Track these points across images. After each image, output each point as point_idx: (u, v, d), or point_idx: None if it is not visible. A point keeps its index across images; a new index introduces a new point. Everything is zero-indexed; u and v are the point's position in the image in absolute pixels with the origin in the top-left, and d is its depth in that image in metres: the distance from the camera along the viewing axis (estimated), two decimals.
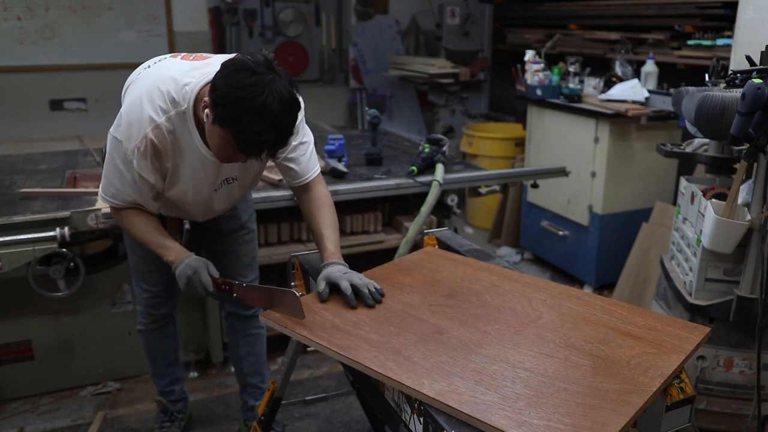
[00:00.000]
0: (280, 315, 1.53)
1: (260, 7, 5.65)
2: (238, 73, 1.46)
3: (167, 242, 1.80)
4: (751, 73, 2.04)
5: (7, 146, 4.33)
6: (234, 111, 1.46)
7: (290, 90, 1.50)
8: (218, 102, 1.48)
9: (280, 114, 1.47)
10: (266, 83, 1.45)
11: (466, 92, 5.77)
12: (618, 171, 3.64)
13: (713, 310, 2.15)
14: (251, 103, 1.44)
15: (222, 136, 1.54)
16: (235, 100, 1.45)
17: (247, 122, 1.46)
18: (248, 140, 1.50)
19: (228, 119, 1.48)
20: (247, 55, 1.51)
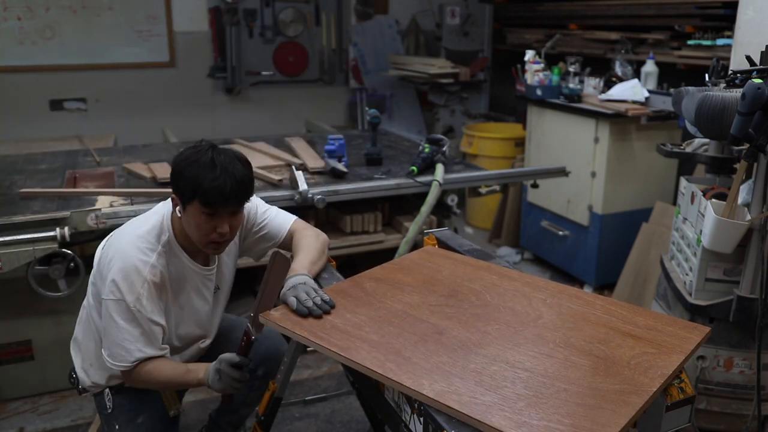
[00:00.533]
0: (281, 315, 1.53)
1: (260, 7, 5.65)
2: (184, 153, 1.65)
3: (190, 366, 1.77)
4: (751, 73, 2.04)
5: (7, 146, 4.33)
6: (191, 177, 1.59)
7: (237, 152, 1.69)
8: (177, 183, 1.63)
9: (230, 163, 1.62)
10: (208, 148, 1.64)
11: (466, 92, 5.77)
12: (618, 171, 3.64)
13: (713, 310, 2.15)
14: (201, 162, 1.60)
15: (194, 213, 1.64)
16: (188, 168, 1.60)
17: (203, 178, 1.58)
18: (210, 190, 1.59)
19: (190, 188, 1.60)
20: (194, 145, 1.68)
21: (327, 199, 2.68)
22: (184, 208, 1.65)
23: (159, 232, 1.73)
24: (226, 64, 5.61)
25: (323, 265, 1.84)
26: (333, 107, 6.14)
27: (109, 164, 3.23)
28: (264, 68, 5.81)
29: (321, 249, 1.86)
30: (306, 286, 1.59)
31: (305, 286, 1.59)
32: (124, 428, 1.85)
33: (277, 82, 5.88)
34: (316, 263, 1.79)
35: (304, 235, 1.90)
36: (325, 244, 1.91)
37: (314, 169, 3.00)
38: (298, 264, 1.74)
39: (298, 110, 5.84)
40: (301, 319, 1.49)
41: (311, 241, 1.87)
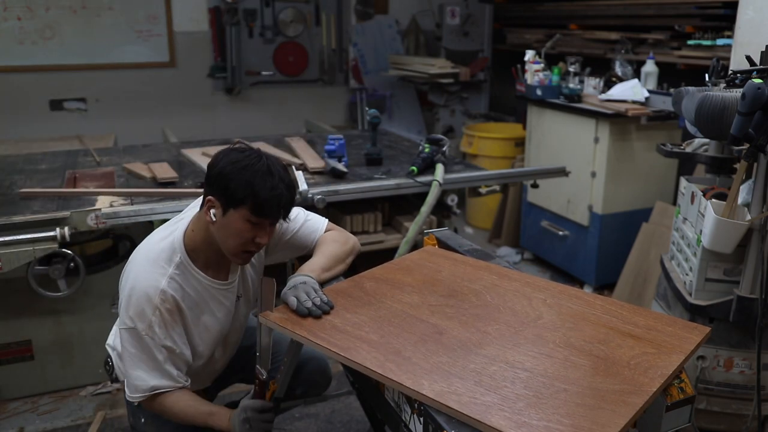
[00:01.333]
0: (280, 315, 1.53)
1: (260, 7, 5.65)
2: (232, 156, 1.57)
3: (213, 408, 1.69)
4: (751, 73, 2.04)
5: (7, 146, 4.33)
6: (245, 182, 1.53)
7: (279, 158, 1.66)
8: (226, 185, 1.54)
9: (283, 172, 1.58)
10: (257, 153, 1.58)
11: (466, 92, 5.77)
12: (618, 171, 3.64)
13: (713, 310, 2.15)
14: (257, 168, 1.54)
15: (237, 219, 1.56)
16: (242, 173, 1.53)
17: (260, 185, 1.53)
18: (267, 200, 1.54)
19: (241, 194, 1.53)
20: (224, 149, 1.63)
21: (327, 199, 2.68)
22: (225, 213, 1.57)
23: (170, 253, 1.65)
24: (226, 64, 5.61)
25: (337, 273, 1.78)
26: (333, 107, 6.14)
27: (109, 164, 3.23)
28: (264, 68, 5.81)
29: (339, 257, 1.80)
30: (306, 286, 1.59)
31: (305, 286, 1.58)
32: (151, 422, 1.80)
33: (277, 82, 5.88)
34: (328, 270, 1.74)
35: (327, 241, 1.85)
36: (350, 252, 1.85)
37: (314, 169, 3.00)
38: (307, 266, 1.72)
39: (298, 110, 5.84)
40: (300, 319, 1.49)
41: (332, 247, 1.82)
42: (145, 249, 1.69)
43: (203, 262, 1.68)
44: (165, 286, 1.61)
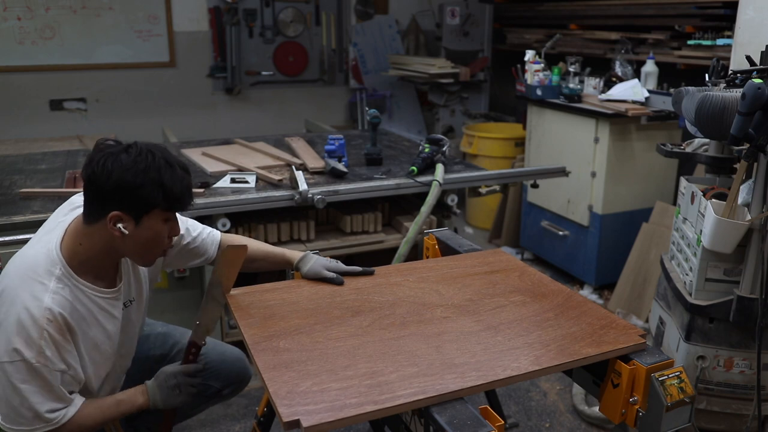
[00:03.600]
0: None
1: (260, 7, 5.65)
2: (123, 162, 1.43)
3: (118, 396, 1.60)
4: (751, 73, 2.04)
5: (7, 146, 4.33)
6: (152, 184, 1.43)
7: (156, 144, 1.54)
8: (135, 194, 1.43)
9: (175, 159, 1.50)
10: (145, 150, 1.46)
11: (466, 92, 5.77)
12: (618, 171, 3.64)
13: (713, 310, 2.15)
14: (158, 166, 1.44)
15: (154, 224, 1.48)
16: (145, 175, 1.43)
17: (169, 181, 1.45)
18: (181, 192, 1.48)
19: (153, 197, 1.44)
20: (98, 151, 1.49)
21: (327, 199, 2.68)
22: (138, 223, 1.47)
23: (47, 266, 1.47)
24: (226, 64, 5.61)
25: None
26: (333, 107, 6.14)
27: None
28: (264, 68, 5.81)
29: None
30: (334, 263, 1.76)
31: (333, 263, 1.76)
32: None
33: (277, 82, 5.88)
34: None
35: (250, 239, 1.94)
36: None
37: (314, 169, 3.00)
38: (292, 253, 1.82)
39: (298, 110, 5.84)
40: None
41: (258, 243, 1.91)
42: (16, 267, 1.50)
43: (93, 274, 1.54)
44: (49, 303, 1.42)
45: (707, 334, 2.19)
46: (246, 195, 2.66)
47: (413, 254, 2.77)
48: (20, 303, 1.41)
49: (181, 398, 1.64)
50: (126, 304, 1.67)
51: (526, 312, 1.57)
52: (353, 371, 1.30)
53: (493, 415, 1.21)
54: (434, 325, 1.50)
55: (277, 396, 1.22)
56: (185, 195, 1.50)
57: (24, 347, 1.38)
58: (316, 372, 1.30)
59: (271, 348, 1.40)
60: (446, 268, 1.83)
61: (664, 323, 2.43)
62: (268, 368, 1.31)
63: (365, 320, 1.53)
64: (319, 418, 1.14)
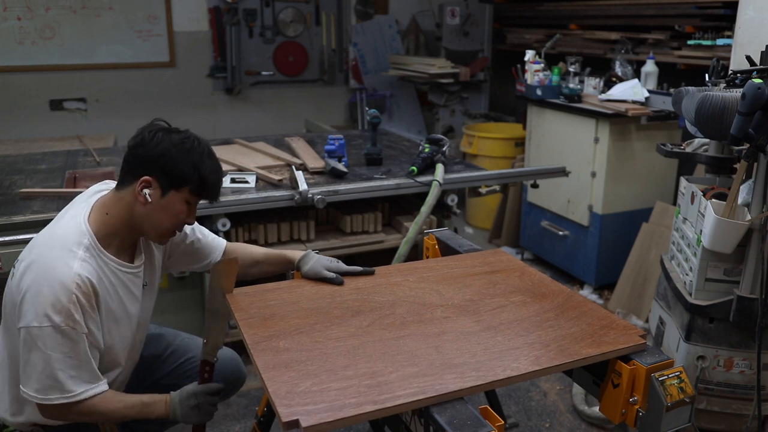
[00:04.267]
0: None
1: (260, 7, 5.66)
2: (173, 137, 1.57)
3: (145, 398, 1.60)
4: (751, 73, 2.04)
5: (7, 146, 4.33)
6: (192, 164, 1.55)
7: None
8: (172, 166, 1.54)
9: (214, 153, 1.64)
10: (195, 136, 1.61)
11: (466, 92, 5.77)
12: (618, 171, 3.64)
13: (713, 310, 2.15)
14: (201, 150, 1.58)
15: (178, 200, 1.57)
16: (187, 155, 1.55)
17: (205, 167, 1.57)
18: (212, 181, 1.59)
19: (187, 175, 1.55)
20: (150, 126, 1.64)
21: (327, 199, 2.68)
22: (164, 194, 1.55)
23: (78, 237, 1.53)
24: (226, 64, 5.62)
25: None
26: (333, 107, 6.14)
27: (109, 164, 3.23)
28: (264, 68, 5.81)
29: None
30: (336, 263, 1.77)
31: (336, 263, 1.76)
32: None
33: (277, 82, 5.88)
34: None
35: (240, 245, 1.96)
36: None
37: (314, 169, 3.00)
38: (293, 253, 1.83)
39: (298, 110, 5.84)
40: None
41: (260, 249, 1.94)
42: (45, 239, 1.55)
43: (116, 247, 1.60)
44: (78, 269, 1.46)
45: (707, 334, 2.18)
46: (246, 195, 2.66)
47: (413, 254, 2.77)
48: (51, 270, 1.46)
49: (200, 417, 1.64)
50: (143, 285, 1.71)
51: (527, 312, 1.57)
52: (353, 371, 1.30)
53: (493, 415, 1.21)
54: (434, 325, 1.50)
55: (276, 396, 1.21)
56: (216, 186, 1.61)
57: (53, 312, 1.43)
58: (316, 372, 1.30)
59: (271, 348, 1.39)
60: (446, 268, 1.83)
61: (664, 323, 2.43)
62: (268, 368, 1.31)
63: (365, 320, 1.53)
64: (319, 418, 1.14)
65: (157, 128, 1.60)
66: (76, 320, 1.45)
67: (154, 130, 1.59)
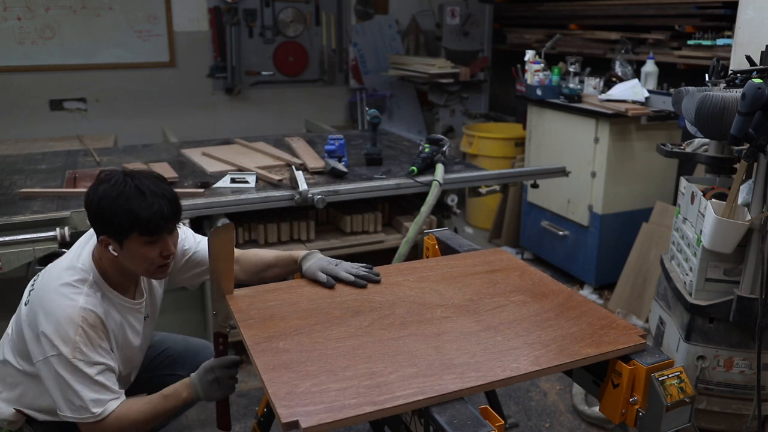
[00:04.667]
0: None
1: (260, 7, 5.66)
2: (100, 190, 1.56)
3: (163, 392, 1.66)
4: (751, 73, 2.04)
5: (7, 146, 4.33)
6: (123, 211, 1.53)
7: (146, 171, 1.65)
8: (109, 222, 1.55)
9: (154, 185, 1.58)
10: (122, 177, 1.57)
11: (466, 92, 5.77)
12: (618, 171, 3.64)
13: (713, 310, 2.15)
14: (128, 194, 1.54)
15: (136, 247, 1.58)
16: (115, 204, 1.53)
17: (137, 209, 1.53)
18: (151, 219, 1.54)
19: (126, 224, 1.54)
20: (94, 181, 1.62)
21: (327, 199, 2.68)
22: (121, 246, 1.58)
23: (82, 275, 1.62)
24: (226, 64, 5.62)
25: None
26: (333, 107, 6.14)
27: (109, 164, 3.23)
28: (264, 68, 5.81)
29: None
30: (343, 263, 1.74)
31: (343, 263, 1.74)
32: None
33: (277, 82, 5.88)
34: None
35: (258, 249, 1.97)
36: None
37: (314, 169, 3.00)
38: (298, 252, 1.81)
39: (298, 110, 5.84)
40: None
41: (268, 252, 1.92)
42: (51, 279, 1.62)
43: (115, 284, 1.68)
44: (83, 303, 1.56)
45: (707, 334, 2.18)
46: (246, 195, 2.66)
47: (413, 254, 2.77)
48: (57, 308, 1.55)
49: (222, 391, 1.65)
50: (144, 318, 1.80)
51: (527, 312, 1.57)
52: (352, 372, 1.30)
53: (493, 415, 1.21)
54: (434, 325, 1.50)
55: (276, 397, 1.21)
56: (155, 221, 1.55)
57: (62, 345, 1.52)
58: (316, 373, 1.30)
59: (271, 349, 1.39)
60: (446, 268, 1.83)
61: (664, 323, 2.43)
62: (268, 369, 1.31)
63: (365, 320, 1.53)
64: (318, 419, 1.14)
65: (95, 183, 1.60)
66: (84, 352, 1.54)
67: (91, 188, 1.60)
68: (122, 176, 1.57)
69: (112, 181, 1.56)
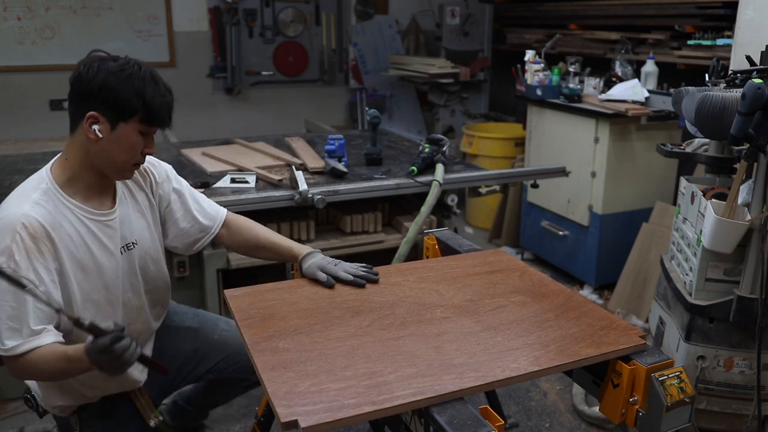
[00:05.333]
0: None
1: (260, 7, 5.66)
2: (109, 66, 1.49)
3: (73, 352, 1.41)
4: (751, 73, 2.04)
5: (7, 146, 4.33)
6: (135, 92, 1.47)
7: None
8: (114, 97, 1.47)
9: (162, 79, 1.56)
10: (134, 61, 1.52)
11: (466, 92, 5.77)
12: (618, 171, 3.64)
13: (713, 310, 2.15)
14: (143, 76, 1.49)
15: (130, 132, 1.51)
16: (128, 82, 1.47)
17: (150, 94, 1.49)
18: (159, 108, 1.51)
19: (133, 105, 1.48)
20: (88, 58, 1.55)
21: (327, 199, 2.68)
22: (114, 127, 1.48)
23: (36, 182, 1.53)
24: (226, 64, 5.62)
25: None
26: (333, 107, 6.14)
27: None
28: (264, 68, 5.81)
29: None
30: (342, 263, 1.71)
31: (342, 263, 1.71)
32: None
33: (277, 82, 5.88)
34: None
35: (251, 223, 1.87)
36: None
37: (314, 169, 3.00)
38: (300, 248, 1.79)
39: (298, 110, 5.84)
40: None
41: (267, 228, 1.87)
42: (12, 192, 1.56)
43: (82, 193, 1.56)
44: (27, 210, 1.44)
45: (707, 334, 2.18)
46: (246, 195, 2.66)
47: (413, 254, 2.77)
48: (3, 215, 1.45)
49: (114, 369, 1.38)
50: (127, 246, 1.66)
51: (527, 312, 1.57)
52: (352, 372, 1.30)
53: (493, 415, 1.20)
54: (434, 325, 1.50)
55: (275, 396, 1.21)
56: (163, 111, 1.52)
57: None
58: (315, 372, 1.30)
59: (271, 348, 1.39)
60: (446, 268, 1.82)
61: (664, 323, 2.43)
62: (267, 368, 1.31)
63: (365, 320, 1.53)
64: (318, 419, 1.14)
65: (94, 59, 1.51)
66: (17, 262, 1.40)
67: (90, 62, 1.50)
68: (133, 60, 1.52)
69: (121, 62, 1.50)
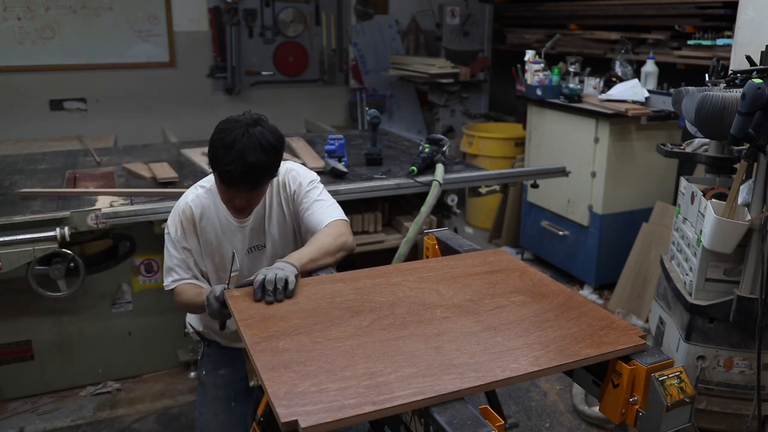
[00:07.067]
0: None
1: (260, 7, 5.66)
2: (223, 124, 1.77)
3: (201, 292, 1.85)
4: (751, 73, 2.04)
5: (7, 146, 4.33)
6: (212, 152, 1.74)
7: (269, 137, 1.75)
8: (210, 152, 1.76)
9: (249, 149, 1.69)
10: (242, 127, 1.72)
11: (466, 92, 5.77)
12: (618, 171, 3.64)
13: (713, 310, 2.15)
14: (224, 141, 1.71)
15: (218, 183, 1.80)
16: (215, 142, 1.74)
17: (221, 158, 1.71)
18: (222, 171, 1.72)
19: (212, 160, 1.75)
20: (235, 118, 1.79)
21: None
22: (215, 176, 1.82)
23: (207, 180, 1.97)
24: (226, 64, 5.62)
25: (324, 265, 1.82)
26: (333, 107, 6.14)
27: (109, 164, 3.23)
28: (264, 68, 5.81)
29: (329, 250, 1.84)
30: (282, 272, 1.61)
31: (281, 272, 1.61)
32: (209, 375, 2.10)
33: (277, 82, 5.88)
34: (314, 261, 1.79)
35: (323, 233, 1.90)
36: (340, 247, 1.87)
37: (314, 169, 2.98)
38: (295, 254, 1.78)
39: (298, 110, 5.84)
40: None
41: (324, 239, 1.86)
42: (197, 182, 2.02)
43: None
44: (189, 200, 1.92)
45: (707, 334, 2.18)
46: None
47: (413, 254, 2.77)
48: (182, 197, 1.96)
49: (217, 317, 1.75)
50: (252, 249, 1.99)
51: (527, 312, 1.56)
52: (352, 372, 1.30)
53: (493, 415, 1.20)
54: (434, 325, 1.50)
55: (275, 396, 1.21)
56: (228, 177, 1.72)
57: (170, 224, 1.94)
58: (315, 372, 1.29)
59: (271, 348, 1.39)
60: (446, 268, 1.82)
61: (664, 323, 2.43)
62: (267, 368, 1.31)
63: (365, 320, 1.53)
64: (317, 419, 1.14)
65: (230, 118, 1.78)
66: (177, 234, 1.91)
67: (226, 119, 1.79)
68: (242, 122, 1.74)
69: (230, 122, 1.75)
